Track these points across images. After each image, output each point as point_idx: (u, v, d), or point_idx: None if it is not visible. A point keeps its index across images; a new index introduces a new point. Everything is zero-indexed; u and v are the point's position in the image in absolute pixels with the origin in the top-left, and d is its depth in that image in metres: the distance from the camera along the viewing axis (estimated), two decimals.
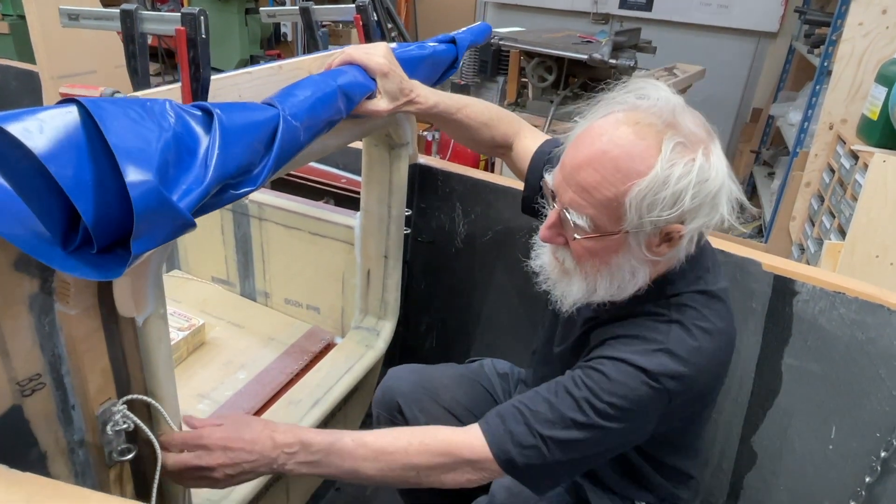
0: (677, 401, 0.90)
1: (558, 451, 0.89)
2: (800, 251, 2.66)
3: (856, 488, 1.20)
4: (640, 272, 0.92)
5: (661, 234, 0.87)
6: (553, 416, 0.89)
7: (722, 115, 4.12)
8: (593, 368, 0.91)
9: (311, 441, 0.91)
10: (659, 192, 0.81)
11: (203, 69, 0.83)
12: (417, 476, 0.92)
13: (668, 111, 0.84)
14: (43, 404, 0.76)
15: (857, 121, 2.46)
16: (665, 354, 0.89)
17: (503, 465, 0.90)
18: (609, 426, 0.88)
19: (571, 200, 0.87)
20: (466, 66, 3.40)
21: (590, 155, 0.85)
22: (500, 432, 0.91)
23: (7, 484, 0.63)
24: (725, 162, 0.86)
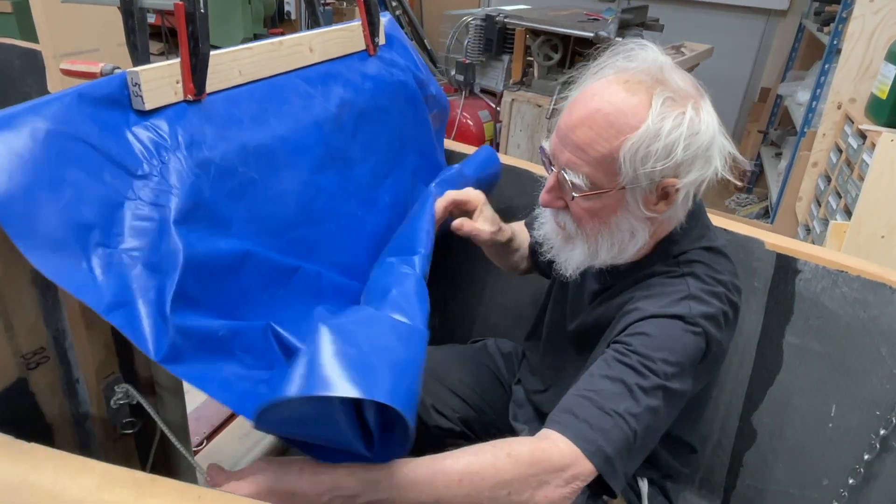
0: (713, 346, 0.91)
1: (637, 424, 0.83)
2: (806, 232, 2.65)
3: (855, 466, 1.21)
4: (639, 232, 0.93)
5: (657, 189, 0.89)
6: (619, 390, 0.85)
7: (730, 94, 4.08)
8: (632, 335, 0.89)
9: (376, 478, 0.74)
10: (651, 145, 0.84)
11: (202, 44, 0.83)
12: (508, 498, 0.78)
13: (657, 69, 0.88)
14: (48, 377, 0.77)
15: (865, 100, 2.43)
16: (691, 300, 0.90)
17: (594, 457, 0.81)
18: (671, 385, 0.86)
19: (568, 161, 0.90)
20: (472, 44, 3.37)
21: (583, 115, 0.87)
22: (577, 425, 0.82)
23: (14, 454, 0.64)
24: (716, 117, 0.89)
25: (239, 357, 0.83)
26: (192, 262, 0.78)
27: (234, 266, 0.86)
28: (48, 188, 0.69)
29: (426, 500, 0.76)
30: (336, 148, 1.11)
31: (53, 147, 0.71)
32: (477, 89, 3.46)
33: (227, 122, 0.91)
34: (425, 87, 1.41)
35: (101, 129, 0.76)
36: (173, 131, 0.84)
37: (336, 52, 1.20)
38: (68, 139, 0.73)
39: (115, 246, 0.74)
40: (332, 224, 1.08)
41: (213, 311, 0.82)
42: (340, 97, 1.13)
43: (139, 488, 0.62)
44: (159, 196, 0.78)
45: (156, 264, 0.75)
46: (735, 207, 3.77)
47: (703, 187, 0.91)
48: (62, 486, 0.61)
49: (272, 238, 0.94)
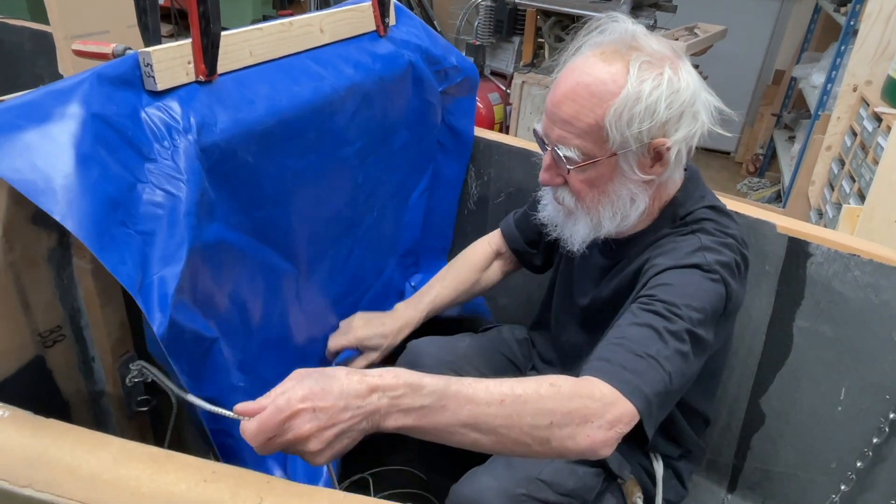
0: (731, 293, 0.92)
1: (670, 365, 0.82)
2: (818, 216, 2.63)
3: (863, 449, 1.21)
4: (639, 197, 0.96)
5: (649, 151, 0.91)
6: (648, 334, 0.84)
7: (743, 76, 4.02)
8: (653, 287, 0.90)
9: (420, 382, 0.72)
10: (634, 107, 0.88)
11: (213, 24, 0.83)
12: (549, 429, 0.74)
13: (629, 37, 0.92)
14: (64, 355, 0.78)
15: (882, 82, 2.39)
16: (705, 250, 0.93)
17: (633, 397, 0.78)
18: (697, 331, 0.86)
19: (558, 136, 0.93)
20: (482, 26, 3.34)
21: (565, 90, 0.91)
22: (612, 369, 0.80)
23: (33, 429, 0.65)
24: (697, 76, 0.93)
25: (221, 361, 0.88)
26: (192, 253, 0.80)
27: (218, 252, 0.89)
28: (81, 167, 0.70)
29: (464, 415, 0.72)
30: (335, 130, 1.12)
31: (81, 127, 0.72)
32: (487, 71, 3.43)
33: (238, 103, 0.92)
34: (443, 60, 1.41)
35: (118, 108, 0.77)
36: (185, 112, 0.84)
37: (346, 32, 1.19)
38: (92, 119, 0.74)
39: (132, 227, 0.75)
40: (304, 205, 1.10)
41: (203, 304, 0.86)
42: (350, 79, 1.13)
43: (155, 463, 0.63)
44: (170, 182, 0.80)
45: (164, 254, 0.77)
46: (747, 191, 3.74)
47: (695, 142, 0.94)
48: (80, 461, 0.62)
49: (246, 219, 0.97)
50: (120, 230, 0.73)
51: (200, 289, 0.86)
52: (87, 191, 0.70)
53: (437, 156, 1.56)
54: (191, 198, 0.80)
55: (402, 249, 1.52)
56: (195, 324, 0.83)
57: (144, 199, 0.77)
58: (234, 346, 0.96)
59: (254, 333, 1.02)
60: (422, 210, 1.56)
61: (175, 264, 0.77)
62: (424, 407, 0.71)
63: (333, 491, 0.63)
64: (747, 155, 4.03)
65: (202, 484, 0.62)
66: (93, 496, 0.60)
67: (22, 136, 0.68)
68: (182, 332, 0.79)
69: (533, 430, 0.73)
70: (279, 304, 1.08)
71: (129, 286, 0.71)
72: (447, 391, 0.72)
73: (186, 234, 0.79)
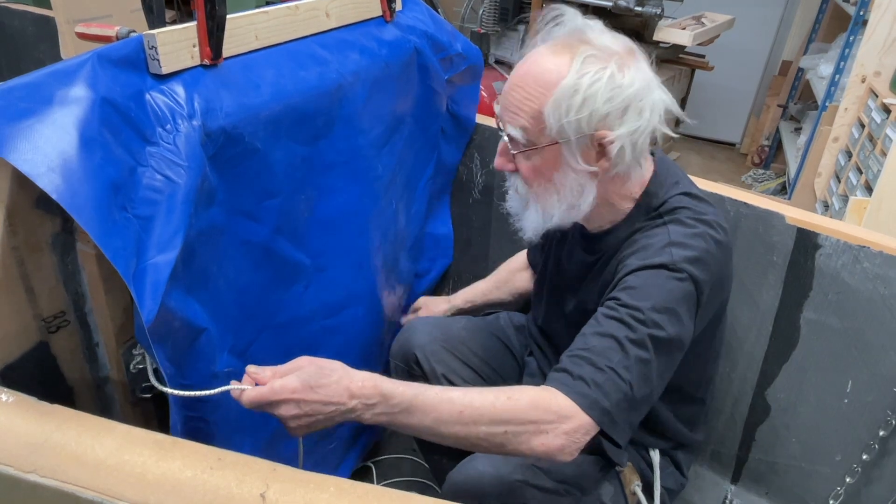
0: (703, 287, 0.93)
1: (630, 376, 0.86)
2: (824, 208, 2.61)
3: (869, 441, 1.20)
4: (587, 188, 0.97)
5: (592, 143, 0.93)
6: (609, 344, 0.88)
7: (750, 67, 3.98)
8: (619, 289, 0.93)
9: (392, 393, 0.83)
10: (572, 98, 0.90)
11: (219, 6, 0.81)
12: (504, 437, 0.84)
13: (580, 31, 0.96)
14: (68, 341, 0.78)
15: (891, 74, 2.37)
16: (673, 246, 0.94)
17: (591, 410, 0.85)
18: (660, 335, 0.88)
19: (509, 118, 0.97)
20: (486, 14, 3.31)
21: (516, 78, 0.96)
22: (572, 382, 0.86)
23: (38, 414, 0.65)
24: (649, 74, 0.94)
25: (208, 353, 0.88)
26: (189, 241, 0.80)
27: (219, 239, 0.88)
28: (83, 149, 0.70)
29: (428, 422, 0.83)
30: (345, 117, 1.10)
31: (84, 109, 0.71)
32: (491, 60, 3.41)
33: (243, 87, 0.90)
34: (449, 48, 1.40)
35: (122, 90, 0.76)
36: (189, 97, 0.83)
37: (352, 17, 1.18)
38: (96, 100, 0.73)
39: (131, 211, 0.74)
40: (319, 194, 1.09)
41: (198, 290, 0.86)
42: (356, 64, 1.12)
43: (161, 449, 0.62)
44: (170, 167, 0.79)
45: (160, 240, 0.77)
46: (752, 183, 3.71)
47: (643, 139, 0.95)
48: (85, 447, 0.62)
49: (254, 206, 0.96)
50: (121, 214, 0.73)
51: (197, 276, 0.85)
52: (90, 174, 0.69)
53: (440, 144, 1.55)
54: (190, 185, 0.80)
55: (411, 239, 1.51)
56: (187, 312, 0.82)
57: (144, 184, 0.77)
58: (230, 331, 0.96)
59: (253, 319, 1.01)
60: (426, 199, 1.55)
61: (170, 251, 0.77)
62: (393, 414, 0.84)
63: (339, 479, 0.63)
64: (752, 146, 4.00)
65: (208, 471, 0.61)
66: (98, 482, 0.59)
67: (24, 118, 0.67)
68: (171, 319, 0.78)
69: (489, 437, 0.84)
70: (286, 293, 1.07)
71: (124, 273, 0.70)
72: (414, 402, 0.84)
73: (183, 221, 0.79)
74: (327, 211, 1.11)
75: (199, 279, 0.86)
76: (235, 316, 0.95)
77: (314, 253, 1.10)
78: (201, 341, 0.87)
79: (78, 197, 0.67)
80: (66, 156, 0.68)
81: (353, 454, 1.43)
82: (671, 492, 1.14)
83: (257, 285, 1.01)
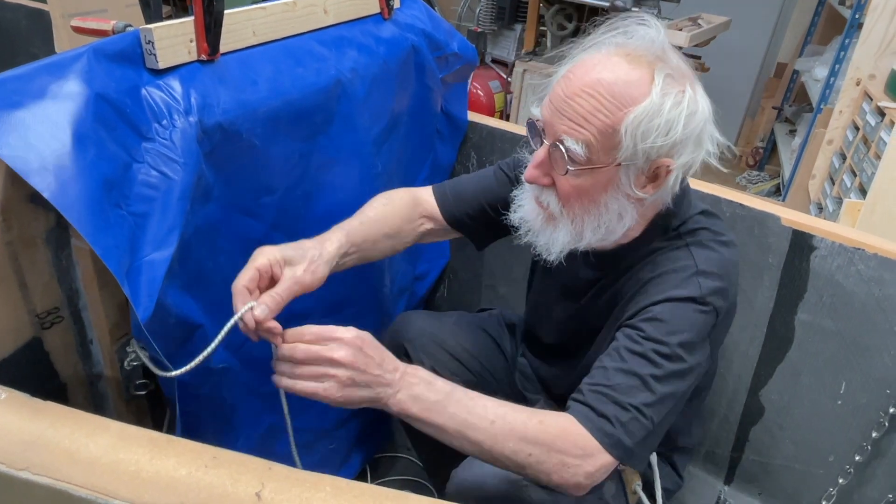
0: (722, 316, 0.91)
1: (654, 413, 0.85)
2: (818, 210, 2.62)
3: (862, 443, 1.21)
4: (627, 214, 0.91)
5: (650, 169, 0.87)
6: (634, 383, 0.85)
7: (745, 68, 3.99)
8: (644, 319, 0.89)
9: (433, 380, 0.82)
10: (654, 119, 0.82)
11: (216, 2, 0.81)
12: (527, 459, 0.81)
13: (658, 46, 0.86)
14: (62, 337, 0.77)
15: (885, 77, 2.38)
16: (700, 276, 0.90)
17: (613, 449, 0.83)
18: (683, 367, 0.86)
19: (567, 129, 0.86)
20: (484, 13, 3.31)
21: (584, 83, 0.84)
22: (596, 420, 0.84)
23: (31, 412, 0.64)
24: (708, 100, 0.88)
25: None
26: (185, 237, 0.80)
27: (216, 236, 0.88)
28: (76, 145, 0.69)
29: (458, 422, 0.80)
30: (343, 114, 1.10)
31: (78, 104, 0.71)
32: (488, 59, 3.41)
33: (240, 83, 0.90)
34: (446, 47, 1.39)
35: (117, 85, 0.75)
36: (186, 92, 0.82)
37: (350, 14, 1.17)
38: (90, 95, 0.72)
39: (126, 208, 0.74)
40: (319, 191, 1.08)
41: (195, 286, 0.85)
42: (354, 61, 1.12)
43: (156, 447, 0.62)
44: (166, 164, 0.78)
45: (155, 237, 0.76)
46: (746, 184, 3.73)
47: (691, 172, 0.90)
48: (79, 444, 0.61)
49: (251, 203, 0.95)
50: (114, 212, 0.72)
51: (194, 272, 0.85)
52: (82, 171, 0.69)
53: (435, 144, 1.55)
54: (186, 181, 0.79)
55: None
56: (183, 308, 0.82)
57: (139, 180, 0.76)
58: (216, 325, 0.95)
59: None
60: None
61: (166, 248, 0.76)
62: (429, 401, 0.80)
63: (336, 478, 0.63)
64: (747, 148, 4.02)
65: (203, 469, 0.61)
66: (91, 480, 0.59)
67: (16, 111, 0.66)
68: (168, 315, 0.78)
69: (514, 454, 0.81)
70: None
71: (116, 271, 0.69)
72: (451, 396, 0.81)
73: (179, 218, 0.78)
74: (325, 207, 1.10)
75: (195, 275, 0.86)
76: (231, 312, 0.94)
77: None
78: (196, 337, 0.87)
79: (69, 195, 0.67)
80: (57, 152, 0.67)
81: (355, 457, 1.43)
82: (668, 492, 1.14)
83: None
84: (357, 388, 0.78)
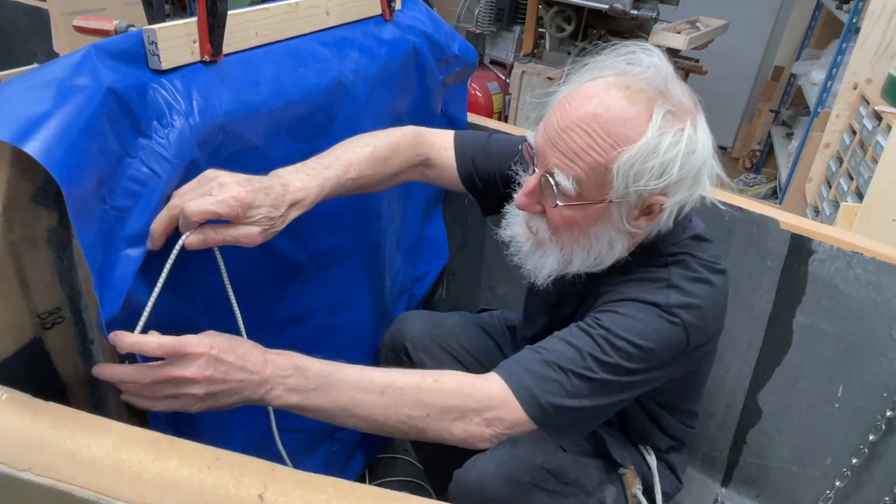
0: (695, 336, 0.88)
1: (583, 387, 0.84)
2: (814, 213, 2.63)
3: (859, 446, 1.22)
4: (617, 244, 0.89)
5: (643, 205, 0.85)
6: (571, 354, 0.85)
7: (742, 71, 4.01)
8: (603, 311, 0.88)
9: (308, 366, 0.79)
10: (648, 161, 0.79)
11: (220, 3, 0.81)
12: (425, 420, 0.81)
13: (661, 79, 0.82)
14: (63, 338, 0.77)
15: (882, 81, 2.40)
16: (672, 289, 0.88)
17: (526, 404, 0.83)
18: (629, 366, 0.85)
19: (558, 163, 0.83)
20: (482, 14, 3.31)
21: (579, 117, 0.81)
22: (518, 371, 0.84)
23: (32, 412, 0.64)
24: (710, 136, 0.85)
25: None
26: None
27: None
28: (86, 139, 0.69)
29: (345, 401, 0.79)
30: (345, 115, 1.10)
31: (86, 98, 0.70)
32: (487, 60, 3.41)
33: (243, 84, 0.90)
34: (446, 49, 1.39)
35: (123, 79, 0.75)
36: (188, 93, 0.82)
37: (352, 15, 1.17)
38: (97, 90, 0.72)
39: (109, 202, 0.73)
40: None
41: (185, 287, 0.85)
42: (356, 62, 1.12)
43: (158, 448, 0.62)
44: (158, 162, 0.78)
45: (133, 233, 0.76)
46: (743, 187, 3.74)
47: (689, 206, 0.87)
48: (80, 445, 0.61)
49: None
50: (99, 206, 0.72)
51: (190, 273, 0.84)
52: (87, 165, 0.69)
53: None
54: (175, 182, 0.79)
55: (408, 241, 1.50)
56: (175, 310, 0.81)
57: (127, 175, 0.75)
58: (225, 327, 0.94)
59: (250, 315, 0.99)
60: (423, 201, 1.55)
61: (142, 246, 0.76)
62: (307, 389, 0.78)
63: (338, 480, 0.63)
64: (744, 150, 4.03)
65: (205, 470, 0.61)
66: (93, 481, 0.58)
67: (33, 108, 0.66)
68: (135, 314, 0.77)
69: (409, 419, 0.80)
70: (284, 290, 1.06)
71: (91, 266, 0.69)
72: (331, 377, 0.79)
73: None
74: (327, 208, 1.10)
75: (191, 276, 0.85)
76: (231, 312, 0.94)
77: (313, 250, 1.09)
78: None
79: (76, 189, 0.67)
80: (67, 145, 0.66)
81: (358, 459, 1.43)
82: (667, 495, 1.14)
83: (254, 281, 1.00)
84: (219, 397, 0.76)
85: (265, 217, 0.80)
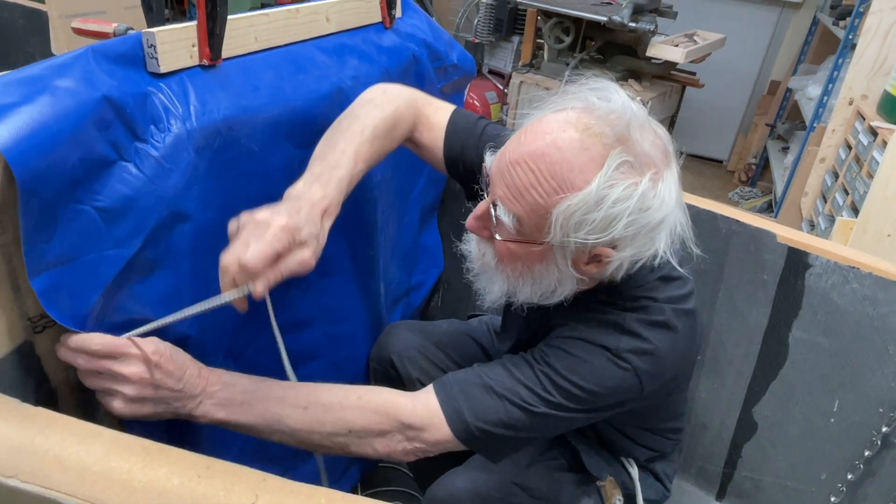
0: (649, 383, 0.85)
1: (521, 417, 0.83)
2: (810, 227, 2.64)
3: (854, 461, 1.21)
4: (566, 285, 0.84)
5: (589, 254, 0.80)
6: (511, 385, 0.84)
7: (739, 85, 4.03)
8: (553, 346, 0.86)
9: (236, 382, 0.80)
10: (590, 213, 0.74)
11: (220, 7, 0.81)
12: (347, 438, 0.81)
13: (624, 123, 0.75)
14: (53, 342, 0.76)
15: (878, 97, 2.41)
16: (624, 333, 0.84)
17: (454, 426, 0.82)
18: (572, 405, 0.83)
19: (502, 196, 0.80)
20: (481, 24, 3.33)
21: (528, 152, 0.76)
22: (455, 392, 0.84)
23: (20, 417, 0.63)
24: (677, 192, 0.78)
25: None
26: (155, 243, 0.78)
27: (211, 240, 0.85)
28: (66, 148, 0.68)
29: (270, 416, 0.80)
30: None
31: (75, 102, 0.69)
32: (485, 70, 3.43)
33: (241, 89, 0.89)
34: (445, 57, 1.39)
35: (119, 84, 0.75)
36: (186, 97, 0.82)
37: (352, 22, 1.17)
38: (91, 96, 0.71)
39: (89, 202, 0.72)
40: None
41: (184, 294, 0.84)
42: (355, 69, 1.11)
43: (148, 456, 0.61)
44: (151, 166, 0.77)
45: (118, 235, 0.75)
46: (738, 200, 3.76)
47: (644, 260, 0.80)
48: (69, 451, 0.60)
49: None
50: (70, 207, 0.70)
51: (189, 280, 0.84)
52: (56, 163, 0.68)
53: None
54: (166, 187, 0.78)
55: (404, 250, 1.50)
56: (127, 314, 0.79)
57: (118, 177, 0.74)
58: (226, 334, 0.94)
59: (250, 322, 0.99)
60: (419, 210, 1.54)
61: (125, 248, 0.75)
62: (234, 403, 0.80)
63: (330, 490, 0.62)
64: (740, 164, 4.05)
65: (196, 479, 0.60)
66: (81, 489, 0.58)
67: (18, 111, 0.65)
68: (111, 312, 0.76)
69: (332, 436, 0.81)
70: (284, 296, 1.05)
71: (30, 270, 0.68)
72: (257, 392, 0.81)
73: (150, 222, 0.77)
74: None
75: (190, 283, 0.85)
76: (231, 318, 0.93)
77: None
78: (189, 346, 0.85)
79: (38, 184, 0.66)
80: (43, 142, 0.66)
81: (354, 468, 1.41)
82: (653, 502, 1.13)
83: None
84: (147, 404, 0.77)
85: (311, 236, 0.78)
